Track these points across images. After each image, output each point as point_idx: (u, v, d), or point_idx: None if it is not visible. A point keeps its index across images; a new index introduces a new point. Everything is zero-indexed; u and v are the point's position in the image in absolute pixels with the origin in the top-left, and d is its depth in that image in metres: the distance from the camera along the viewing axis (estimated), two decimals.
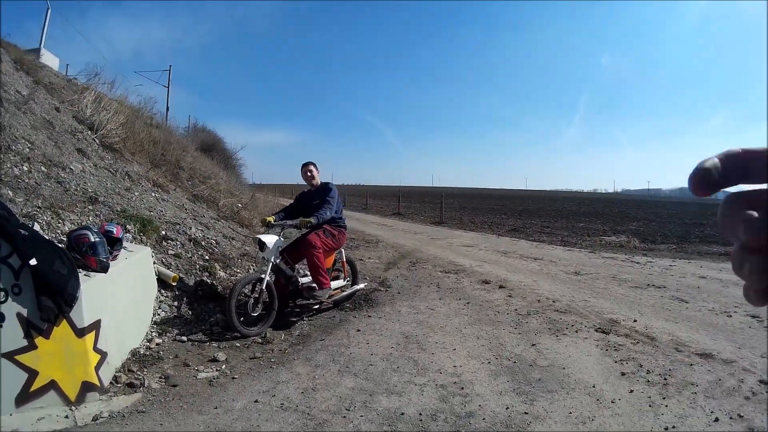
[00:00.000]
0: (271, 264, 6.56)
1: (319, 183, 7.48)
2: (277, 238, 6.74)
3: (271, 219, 7.11)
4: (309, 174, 7.40)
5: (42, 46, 17.63)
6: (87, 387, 4.04)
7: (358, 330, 6.31)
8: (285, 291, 6.98)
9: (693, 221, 29.91)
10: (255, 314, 6.26)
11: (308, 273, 7.15)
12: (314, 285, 6.85)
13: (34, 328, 3.83)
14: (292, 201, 8.00)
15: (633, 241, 17.04)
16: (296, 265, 7.41)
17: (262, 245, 6.60)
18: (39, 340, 3.84)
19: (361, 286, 8.08)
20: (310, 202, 7.31)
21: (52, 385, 3.89)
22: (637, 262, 11.87)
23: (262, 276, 6.39)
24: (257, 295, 6.28)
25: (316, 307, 7.17)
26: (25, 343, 3.80)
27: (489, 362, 5.12)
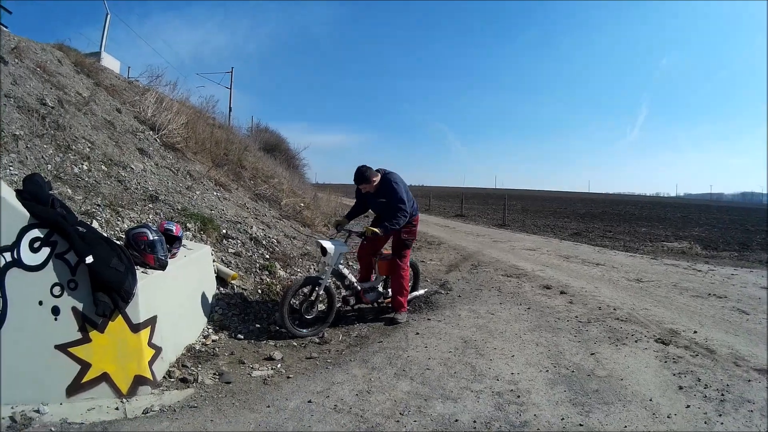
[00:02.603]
0: (331, 269, 6.48)
1: (380, 179, 6.79)
2: (339, 244, 6.58)
3: (342, 220, 7.17)
4: (363, 187, 6.80)
5: (102, 49, 18.09)
6: (139, 381, 4.08)
7: (417, 333, 6.24)
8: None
9: (755, 228, 29.16)
10: (310, 317, 6.27)
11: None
12: (387, 301, 7.17)
13: (89, 322, 3.89)
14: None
15: (695, 247, 16.68)
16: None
17: (324, 251, 6.44)
18: (93, 334, 3.91)
19: (421, 292, 8.03)
20: (375, 199, 6.88)
21: (105, 377, 3.95)
22: (699, 270, 11.58)
23: (321, 280, 6.34)
24: (314, 298, 6.28)
25: (381, 302, 7.31)
26: (79, 336, 3.87)
27: (547, 370, 5.00)
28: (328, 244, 6.45)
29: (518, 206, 45.59)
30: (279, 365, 5.02)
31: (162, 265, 4.71)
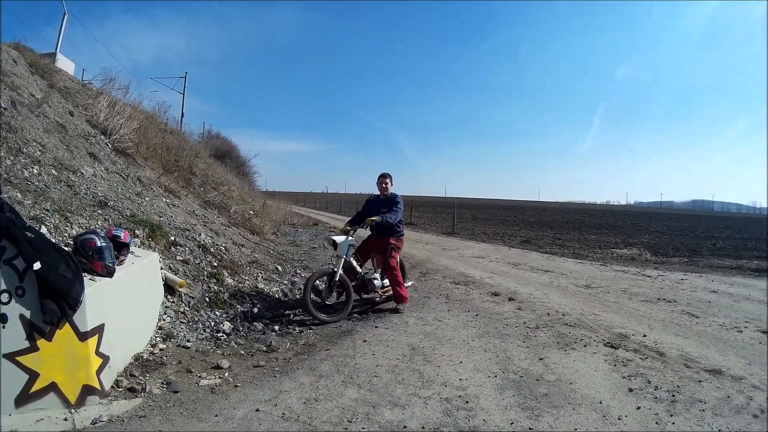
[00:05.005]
0: (343, 260, 7.54)
1: (390, 193, 8.29)
2: (347, 237, 7.79)
3: (347, 228, 8.00)
4: (384, 185, 8.25)
5: (58, 50, 17.94)
6: (88, 390, 4.02)
7: (365, 340, 6.27)
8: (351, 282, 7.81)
9: (705, 234, 29.92)
10: (329, 302, 7.45)
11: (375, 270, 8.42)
12: (386, 291, 8.19)
13: (37, 330, 3.81)
14: (358, 209, 8.83)
15: (645, 254, 17.01)
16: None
17: (334, 244, 7.71)
18: (41, 342, 3.83)
19: (409, 283, 9.15)
20: (378, 208, 8.13)
21: (53, 387, 3.88)
22: (648, 276, 11.83)
23: (335, 269, 7.41)
24: (331, 286, 7.43)
25: (378, 299, 8.24)
26: (27, 344, 3.79)
27: (495, 376, 5.07)
28: (338, 238, 7.75)
29: (468, 215, 46.05)
30: (226, 374, 4.99)
31: (109, 272, 4.64)
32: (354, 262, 7.90)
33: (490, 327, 6.94)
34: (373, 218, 7.75)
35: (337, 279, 7.38)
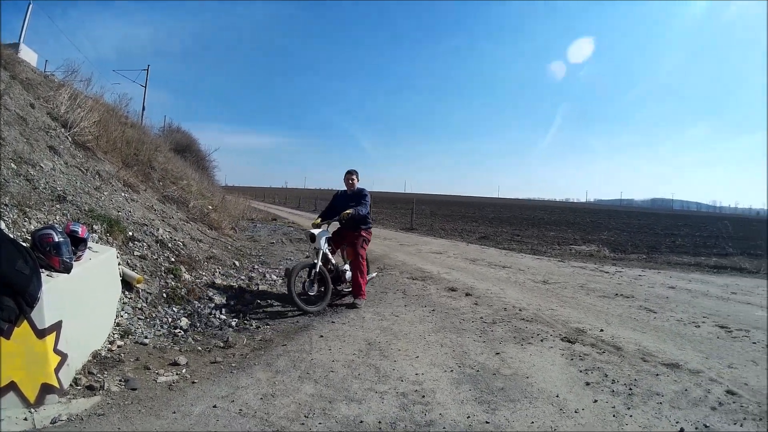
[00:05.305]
0: (321, 252, 7.95)
1: (356, 188, 8.75)
2: (323, 231, 8.23)
3: (318, 221, 8.34)
4: (351, 181, 8.74)
5: (21, 41, 17.67)
6: (46, 389, 3.99)
7: (321, 336, 6.33)
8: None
9: (664, 232, 30.43)
10: (313, 293, 7.79)
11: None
12: (351, 288, 8.47)
13: None
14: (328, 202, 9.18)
15: (603, 250, 17.25)
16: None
17: (312, 237, 8.16)
18: None
19: (373, 275, 9.89)
20: (347, 202, 8.47)
21: (12, 386, 3.82)
22: (607, 272, 12.06)
23: (315, 261, 7.81)
24: (312, 278, 7.81)
25: (348, 290, 8.61)
26: None
27: (452, 370, 5.16)
28: (315, 231, 8.17)
29: (427, 210, 46.16)
30: (184, 370, 5.01)
31: (67, 268, 4.60)
32: (330, 255, 8.33)
33: (446, 322, 7.04)
34: (347, 211, 8.09)
35: (317, 270, 7.79)
